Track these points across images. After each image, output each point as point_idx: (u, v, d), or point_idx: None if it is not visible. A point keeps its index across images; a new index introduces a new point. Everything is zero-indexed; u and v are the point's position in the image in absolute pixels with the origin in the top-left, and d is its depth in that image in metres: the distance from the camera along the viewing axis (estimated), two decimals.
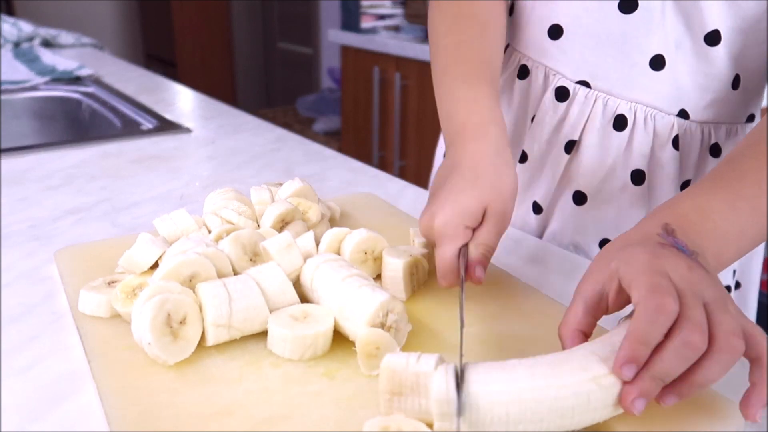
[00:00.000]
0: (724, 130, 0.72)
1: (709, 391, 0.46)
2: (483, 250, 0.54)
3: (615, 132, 0.72)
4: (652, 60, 0.68)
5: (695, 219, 0.49)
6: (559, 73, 0.74)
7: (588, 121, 0.73)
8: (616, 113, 0.71)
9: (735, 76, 0.69)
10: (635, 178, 0.73)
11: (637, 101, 0.70)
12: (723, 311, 0.41)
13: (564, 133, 0.75)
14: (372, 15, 2.76)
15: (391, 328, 0.50)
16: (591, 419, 0.40)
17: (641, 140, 0.71)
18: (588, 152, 0.74)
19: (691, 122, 0.71)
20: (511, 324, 0.55)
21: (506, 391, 0.39)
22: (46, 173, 0.95)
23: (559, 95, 0.74)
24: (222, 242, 0.58)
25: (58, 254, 0.65)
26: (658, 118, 0.70)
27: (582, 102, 0.73)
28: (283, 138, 1.15)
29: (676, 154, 0.71)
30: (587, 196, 0.76)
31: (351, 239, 0.60)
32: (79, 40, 2.15)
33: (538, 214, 0.81)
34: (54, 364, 0.51)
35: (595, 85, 0.72)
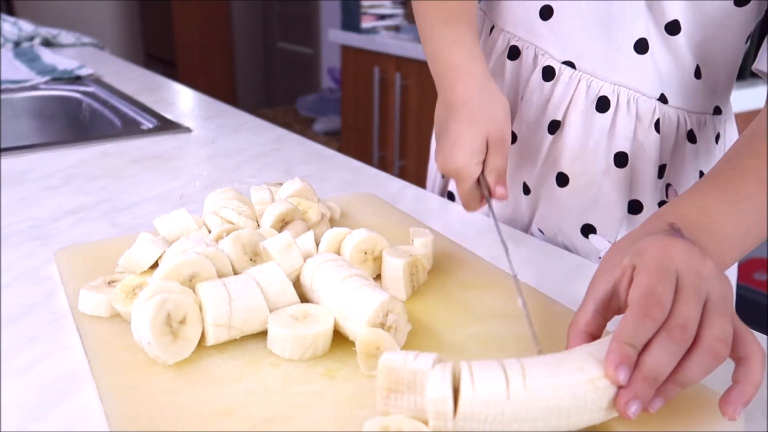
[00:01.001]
0: (695, 119, 0.73)
1: (709, 391, 0.46)
2: (496, 174, 0.66)
3: (598, 114, 0.73)
4: (637, 43, 0.69)
5: (700, 220, 0.49)
6: (547, 53, 0.75)
7: (571, 102, 0.74)
8: (599, 95, 0.72)
9: (697, 67, 0.70)
10: (618, 160, 0.73)
11: (620, 84, 0.71)
12: (718, 313, 0.41)
13: (548, 114, 0.76)
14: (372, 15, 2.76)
15: (391, 328, 0.50)
16: (587, 421, 0.40)
17: (624, 123, 0.72)
18: (571, 133, 0.75)
19: (669, 107, 0.72)
20: (511, 324, 0.55)
21: (502, 390, 0.39)
22: (46, 173, 0.95)
23: (546, 75, 0.75)
24: (222, 242, 0.58)
25: (58, 254, 0.65)
26: (641, 102, 0.71)
27: (566, 82, 0.74)
28: (283, 138, 1.15)
29: (657, 138, 0.72)
30: (569, 178, 0.76)
31: (351, 239, 0.60)
32: (79, 39, 2.15)
33: (528, 194, 0.82)
34: (54, 364, 0.51)
35: (580, 66, 0.73)
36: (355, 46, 2.64)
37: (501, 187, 0.66)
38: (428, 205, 0.86)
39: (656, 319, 0.40)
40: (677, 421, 0.43)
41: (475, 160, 0.65)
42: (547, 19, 0.74)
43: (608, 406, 0.40)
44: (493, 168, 0.66)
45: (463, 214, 0.83)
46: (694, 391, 0.46)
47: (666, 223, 0.48)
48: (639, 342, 0.39)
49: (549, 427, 0.39)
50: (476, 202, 0.68)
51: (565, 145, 0.75)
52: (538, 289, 0.60)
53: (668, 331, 0.39)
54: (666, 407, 0.44)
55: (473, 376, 0.39)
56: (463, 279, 0.62)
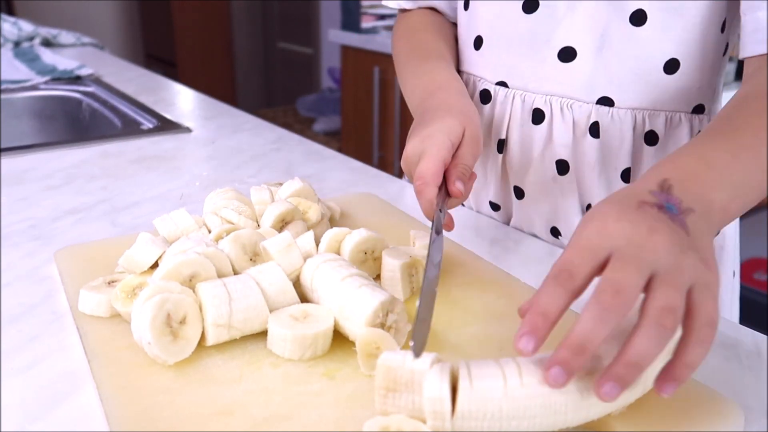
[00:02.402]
0: (662, 117, 0.71)
1: (709, 390, 0.46)
2: (462, 168, 0.58)
3: (534, 126, 0.74)
4: (561, 52, 0.70)
5: (699, 170, 0.47)
6: (482, 78, 0.78)
7: (510, 118, 0.76)
8: (533, 107, 0.74)
9: (670, 60, 0.68)
10: (560, 168, 0.74)
11: (550, 93, 0.72)
12: (665, 283, 0.39)
13: (494, 134, 0.78)
14: (372, 15, 2.76)
15: (391, 327, 0.50)
16: (584, 417, 0.40)
17: (560, 130, 0.73)
18: (515, 148, 0.76)
19: (617, 109, 0.70)
20: (511, 324, 0.55)
21: (498, 387, 0.39)
22: (46, 173, 0.95)
23: (483, 98, 0.78)
24: (222, 242, 0.58)
25: (58, 254, 0.65)
26: (575, 108, 0.71)
27: (502, 101, 0.76)
28: (283, 138, 1.15)
29: (595, 142, 0.72)
30: (524, 191, 0.78)
31: (351, 239, 0.60)
32: (79, 39, 2.15)
33: (497, 211, 0.83)
34: (54, 364, 0.51)
35: (512, 83, 0.75)
36: (355, 46, 2.64)
37: (460, 183, 0.57)
38: None
39: (565, 288, 0.39)
40: (677, 421, 0.43)
41: (451, 138, 0.58)
42: (479, 49, 0.78)
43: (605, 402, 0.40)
44: (461, 162, 0.58)
45: (463, 214, 0.83)
46: (695, 391, 0.46)
47: (659, 179, 0.45)
48: (551, 309, 0.38)
49: (548, 423, 0.40)
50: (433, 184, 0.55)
51: (512, 160, 0.77)
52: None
53: (594, 297, 0.38)
54: (666, 407, 0.44)
55: (471, 374, 0.39)
56: (463, 279, 0.62)
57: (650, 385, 0.43)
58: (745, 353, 0.54)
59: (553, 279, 0.40)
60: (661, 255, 0.39)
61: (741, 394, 0.49)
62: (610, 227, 0.41)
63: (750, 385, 0.50)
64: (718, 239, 0.78)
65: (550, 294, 0.39)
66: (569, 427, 0.41)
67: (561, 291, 0.39)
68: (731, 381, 0.50)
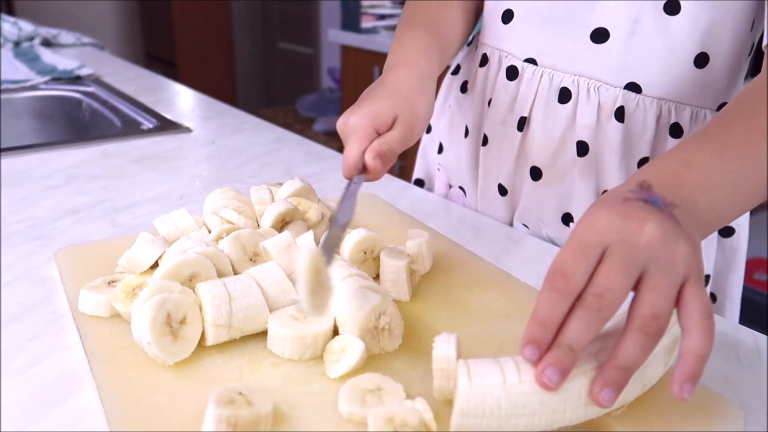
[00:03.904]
0: (688, 111, 0.71)
1: (709, 391, 0.46)
2: (382, 147, 0.58)
3: (560, 105, 0.74)
4: (594, 33, 0.70)
5: (679, 172, 0.47)
6: (510, 54, 0.77)
7: (536, 97, 0.75)
8: (560, 86, 0.73)
9: (700, 54, 0.68)
10: (579, 149, 0.74)
11: (579, 74, 0.72)
12: (651, 288, 0.39)
13: (516, 111, 0.77)
14: (372, 15, 2.76)
15: (384, 329, 0.50)
16: (583, 415, 0.41)
17: (584, 112, 0.72)
18: (538, 127, 0.76)
19: (644, 96, 0.70)
20: (511, 324, 0.55)
21: (497, 384, 0.39)
22: (46, 173, 0.95)
23: (510, 74, 0.77)
24: (222, 242, 0.58)
25: (58, 254, 0.65)
26: (602, 90, 0.71)
27: (530, 79, 0.75)
28: (283, 138, 1.15)
29: (619, 126, 0.71)
30: (542, 171, 0.77)
31: (350, 239, 0.60)
32: (79, 39, 2.15)
33: (504, 195, 0.83)
34: (54, 364, 0.51)
35: (541, 61, 0.75)
36: (355, 46, 2.64)
37: (377, 160, 0.57)
38: (428, 205, 0.86)
39: (560, 292, 0.39)
40: (677, 421, 0.43)
41: (374, 125, 0.59)
42: (508, 23, 0.77)
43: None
44: (384, 141, 0.59)
45: (463, 214, 0.83)
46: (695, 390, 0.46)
47: (635, 183, 0.45)
48: (549, 319, 0.39)
49: (546, 421, 0.40)
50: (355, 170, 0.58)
51: (534, 139, 0.76)
52: (538, 289, 0.60)
53: (582, 300, 0.39)
54: (666, 407, 0.44)
55: (470, 372, 0.40)
56: (463, 279, 0.62)
57: (649, 385, 0.44)
58: (745, 353, 0.54)
59: (548, 283, 0.40)
60: (655, 247, 0.39)
61: (741, 394, 0.49)
62: (600, 222, 0.41)
63: (750, 385, 0.50)
64: (734, 240, 0.77)
65: (546, 300, 0.39)
66: (568, 425, 0.41)
67: (557, 296, 0.39)
68: (731, 381, 0.50)
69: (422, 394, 0.44)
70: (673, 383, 0.38)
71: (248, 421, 0.40)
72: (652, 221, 0.40)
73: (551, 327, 0.39)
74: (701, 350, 0.38)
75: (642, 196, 0.43)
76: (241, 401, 0.41)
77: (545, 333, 0.39)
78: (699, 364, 0.38)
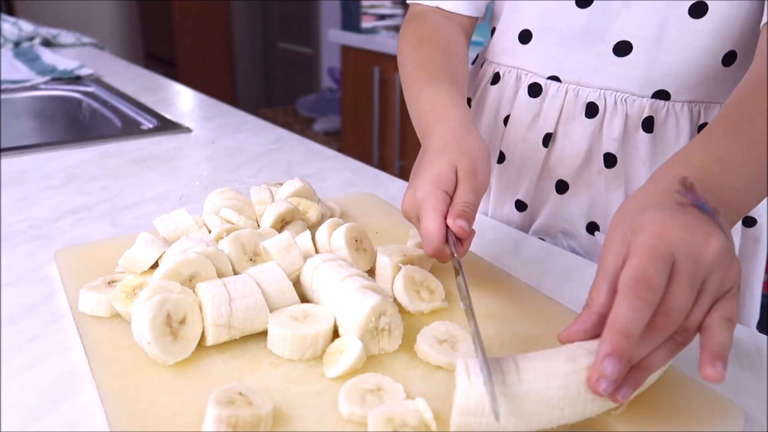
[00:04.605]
0: (717, 110, 0.72)
1: (709, 391, 0.46)
2: (461, 207, 0.54)
3: (587, 119, 0.74)
4: (616, 47, 0.70)
5: (714, 169, 0.47)
6: (531, 72, 0.77)
7: (562, 112, 0.76)
8: (587, 101, 0.74)
9: (729, 53, 0.68)
10: (607, 161, 0.74)
11: (605, 87, 0.72)
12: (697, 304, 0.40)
13: (540, 128, 0.78)
14: (372, 15, 2.76)
15: (384, 330, 0.50)
16: (582, 413, 0.41)
17: (612, 124, 0.73)
18: (565, 142, 0.76)
19: (674, 102, 0.71)
20: (511, 324, 0.55)
21: (496, 383, 0.39)
22: (46, 173, 0.95)
23: (532, 91, 0.77)
24: (222, 242, 0.58)
25: (58, 254, 0.65)
26: (630, 102, 0.72)
27: (554, 95, 0.76)
28: (283, 138, 1.15)
29: (647, 137, 0.72)
30: (569, 184, 0.78)
31: (339, 232, 0.60)
32: (79, 39, 2.15)
33: (522, 211, 0.83)
34: (54, 364, 0.51)
35: (564, 78, 0.75)
36: (355, 46, 2.64)
37: (461, 220, 0.53)
38: None
39: (648, 302, 0.38)
40: (677, 421, 0.43)
41: (441, 187, 0.55)
42: (527, 43, 0.77)
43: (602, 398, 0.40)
44: (460, 201, 0.55)
45: None
46: (695, 391, 0.46)
47: (677, 179, 0.45)
48: (634, 329, 0.38)
49: (545, 419, 0.40)
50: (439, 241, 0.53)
51: (560, 153, 0.77)
52: (538, 289, 0.60)
53: (652, 319, 0.39)
54: (666, 407, 0.44)
55: (469, 370, 0.40)
56: None
57: (649, 383, 0.44)
58: (745, 353, 0.54)
59: (633, 291, 0.38)
60: (716, 265, 0.40)
61: (741, 394, 0.49)
62: (669, 233, 0.41)
63: (750, 385, 0.50)
64: (755, 231, 0.77)
65: (632, 309, 0.38)
66: (567, 423, 0.41)
67: (643, 305, 0.38)
68: (731, 381, 0.50)
69: (422, 394, 0.44)
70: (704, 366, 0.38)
71: (248, 421, 0.40)
72: (715, 238, 0.41)
73: (635, 337, 0.38)
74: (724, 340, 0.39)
75: (692, 200, 0.44)
76: (241, 401, 0.41)
77: (629, 344, 0.38)
78: (723, 349, 0.39)
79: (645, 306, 0.38)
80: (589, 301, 0.43)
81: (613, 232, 0.44)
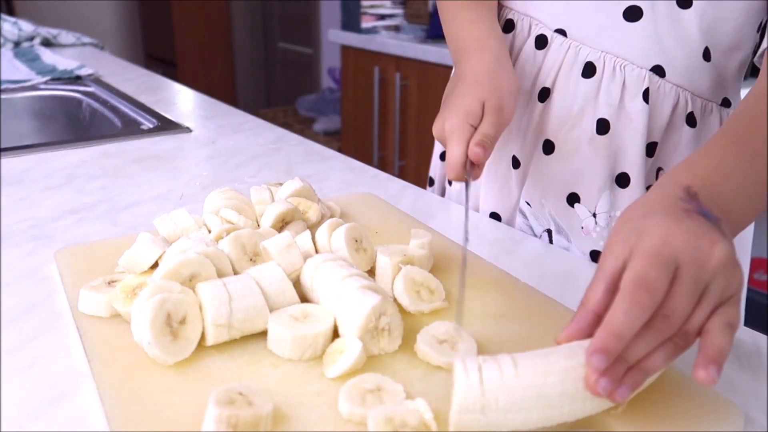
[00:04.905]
0: (699, 104, 0.73)
1: (709, 391, 0.46)
2: (480, 137, 0.61)
3: (583, 79, 0.74)
4: (626, 11, 0.70)
5: (717, 180, 0.48)
6: (540, 22, 0.77)
7: (560, 68, 0.75)
8: (586, 60, 0.73)
9: (705, 48, 0.70)
10: (600, 127, 0.74)
11: (607, 51, 0.72)
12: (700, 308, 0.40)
13: (539, 82, 0.77)
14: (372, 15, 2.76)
15: (384, 330, 0.50)
16: (580, 410, 0.41)
17: (609, 90, 0.72)
18: (558, 100, 0.76)
19: (665, 81, 0.71)
20: (511, 324, 0.55)
21: (494, 378, 0.39)
22: (46, 173, 0.95)
23: (539, 43, 0.77)
24: (222, 242, 0.58)
25: (58, 254, 0.65)
26: (628, 70, 0.71)
27: (557, 50, 0.75)
28: (283, 138, 1.15)
29: (645, 107, 0.72)
30: (555, 146, 0.77)
31: (339, 232, 0.60)
32: (79, 39, 2.15)
33: (517, 168, 0.82)
34: (54, 364, 0.51)
35: (571, 33, 0.74)
36: (355, 46, 2.64)
37: (478, 148, 0.61)
38: (428, 205, 0.86)
39: (645, 307, 0.39)
40: (677, 421, 0.43)
41: (468, 121, 0.62)
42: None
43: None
44: (481, 132, 0.62)
45: (463, 214, 0.83)
46: (695, 391, 0.46)
47: (681, 187, 0.46)
48: (627, 331, 0.38)
49: (544, 416, 0.40)
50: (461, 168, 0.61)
51: (552, 111, 0.76)
52: (538, 289, 0.60)
53: (650, 320, 0.39)
54: (666, 407, 0.44)
55: (467, 368, 0.40)
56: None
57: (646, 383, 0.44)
58: (745, 353, 0.54)
59: (631, 295, 0.39)
60: (720, 271, 0.41)
61: (741, 394, 0.49)
62: (675, 238, 0.41)
63: (750, 385, 0.50)
64: None
65: (626, 313, 0.38)
66: (566, 421, 0.41)
67: (639, 310, 0.39)
68: (731, 381, 0.50)
69: (422, 394, 0.44)
70: (697, 369, 0.39)
71: (248, 421, 0.40)
72: (720, 244, 0.41)
73: (626, 339, 0.39)
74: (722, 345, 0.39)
75: (696, 209, 0.44)
76: (241, 401, 0.41)
77: (618, 345, 0.38)
78: (720, 354, 0.39)
79: (641, 311, 0.39)
80: (584, 299, 0.43)
81: (616, 235, 0.44)
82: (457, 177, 0.61)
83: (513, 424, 0.40)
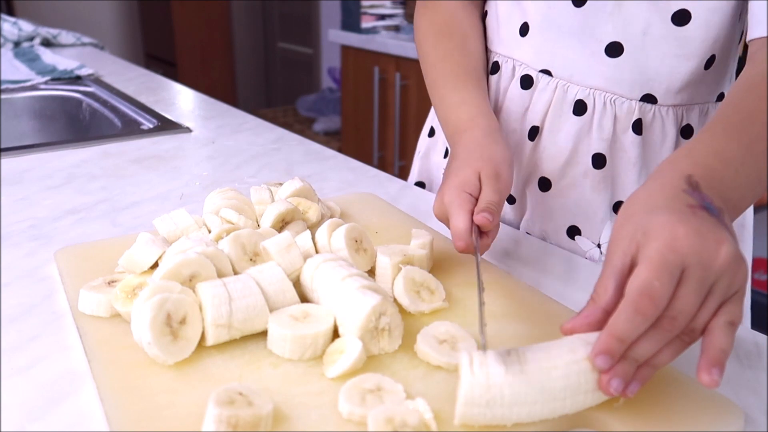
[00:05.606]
0: (696, 111, 0.73)
1: (709, 390, 0.46)
2: (485, 204, 0.60)
3: (574, 117, 0.74)
4: (608, 47, 0.71)
5: (716, 166, 0.48)
6: (524, 63, 0.78)
7: (550, 107, 0.76)
8: (576, 99, 0.74)
9: (711, 57, 0.70)
10: (596, 161, 0.74)
11: (595, 87, 0.73)
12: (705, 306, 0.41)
13: (528, 120, 0.78)
14: (372, 15, 2.76)
15: (384, 330, 0.50)
16: (582, 402, 0.42)
17: (601, 125, 0.73)
18: (550, 138, 0.76)
19: (659, 107, 0.72)
20: (511, 324, 0.55)
21: (500, 373, 0.40)
22: (46, 173, 0.95)
23: (524, 83, 0.78)
24: (222, 242, 0.58)
25: (58, 254, 0.65)
26: (618, 103, 0.72)
27: (543, 89, 0.76)
28: (283, 138, 1.15)
29: (637, 139, 0.72)
30: (551, 182, 0.78)
31: (339, 232, 0.60)
32: (79, 39, 2.15)
33: (513, 204, 0.83)
34: (54, 364, 0.51)
35: (557, 73, 0.75)
36: (355, 46, 2.64)
37: (484, 214, 0.58)
38: (428, 205, 0.86)
39: (648, 317, 0.40)
40: (677, 421, 0.43)
41: (466, 190, 0.61)
42: (525, 35, 0.77)
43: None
44: (484, 200, 0.60)
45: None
46: (695, 391, 0.46)
47: (683, 177, 0.46)
48: (628, 337, 0.40)
49: (548, 410, 0.41)
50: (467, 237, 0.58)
51: (545, 149, 0.77)
52: (538, 289, 0.60)
53: (657, 321, 0.40)
54: (666, 407, 0.44)
55: (472, 362, 0.41)
56: (463, 279, 0.62)
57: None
58: (745, 353, 0.54)
59: (634, 304, 0.40)
60: (725, 271, 0.41)
61: (741, 394, 0.49)
62: (681, 242, 0.41)
63: (750, 385, 0.50)
64: (741, 218, 0.78)
65: (629, 321, 0.40)
66: (568, 413, 0.42)
67: (641, 319, 0.40)
68: (731, 381, 0.50)
69: (422, 394, 0.44)
70: (701, 372, 0.40)
71: (248, 421, 0.40)
72: (725, 244, 0.41)
73: (628, 343, 0.40)
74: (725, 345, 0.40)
75: (699, 201, 0.44)
76: (241, 401, 0.41)
77: (621, 348, 0.40)
78: (722, 356, 0.40)
79: (643, 320, 0.40)
80: (594, 295, 0.43)
81: (621, 229, 0.44)
82: (465, 246, 0.57)
83: (517, 417, 0.41)
